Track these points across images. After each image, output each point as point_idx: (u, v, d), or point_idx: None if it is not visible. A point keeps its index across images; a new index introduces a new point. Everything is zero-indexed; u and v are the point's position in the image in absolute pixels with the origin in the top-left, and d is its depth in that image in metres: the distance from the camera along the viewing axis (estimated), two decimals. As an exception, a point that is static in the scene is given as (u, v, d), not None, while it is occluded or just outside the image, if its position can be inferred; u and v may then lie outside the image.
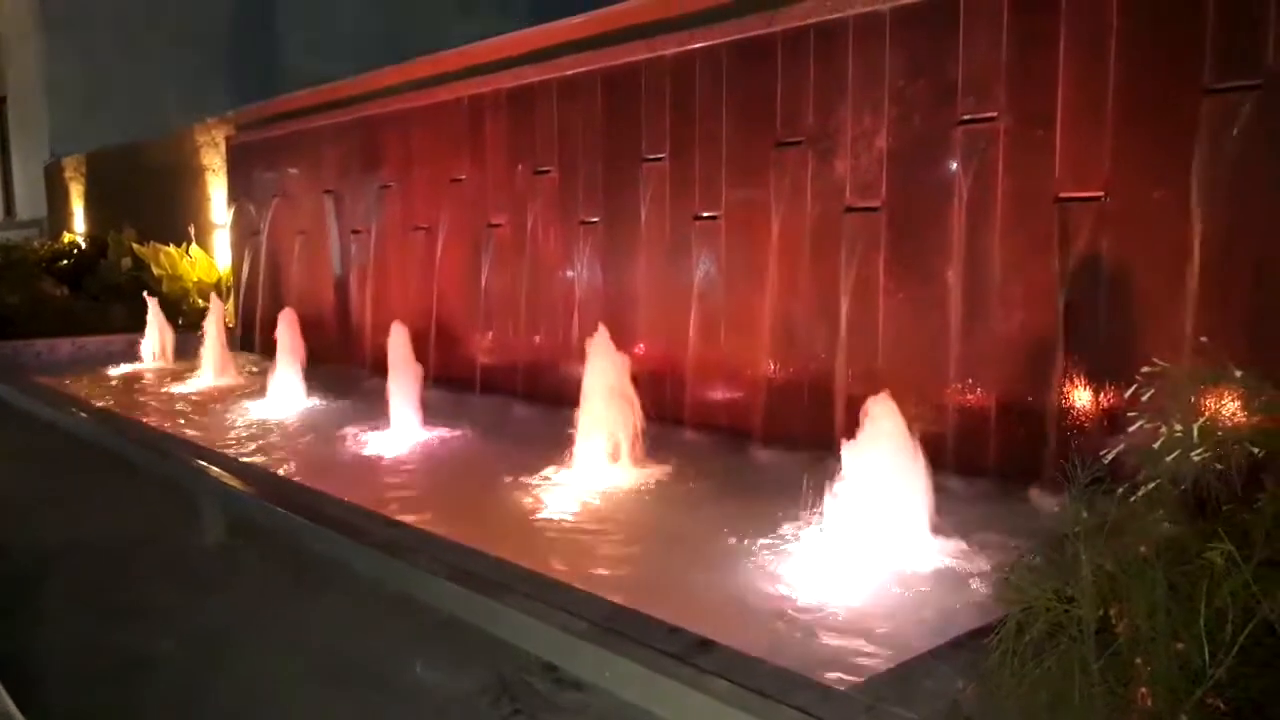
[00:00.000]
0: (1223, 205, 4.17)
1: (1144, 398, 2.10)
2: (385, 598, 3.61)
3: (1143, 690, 1.84)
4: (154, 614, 3.58)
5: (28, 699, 2.69)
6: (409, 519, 4.30)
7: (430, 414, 6.66)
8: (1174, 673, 1.83)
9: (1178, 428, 1.94)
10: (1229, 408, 2.08)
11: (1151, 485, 2.03)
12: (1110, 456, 2.24)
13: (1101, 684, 1.89)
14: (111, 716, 2.88)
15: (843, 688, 2.60)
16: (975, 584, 3.60)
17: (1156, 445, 2.00)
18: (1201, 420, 1.96)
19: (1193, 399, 2.04)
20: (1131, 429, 2.11)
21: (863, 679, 2.71)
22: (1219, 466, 1.95)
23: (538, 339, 7.68)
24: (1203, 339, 2.33)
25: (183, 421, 7.31)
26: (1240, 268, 4.17)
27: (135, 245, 12.71)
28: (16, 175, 20.64)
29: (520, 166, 7.76)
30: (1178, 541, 1.94)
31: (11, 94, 20.44)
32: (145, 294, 10.59)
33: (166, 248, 12.19)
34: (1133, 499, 2.12)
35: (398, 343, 6.70)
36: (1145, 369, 2.15)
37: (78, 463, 6.22)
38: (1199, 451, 1.93)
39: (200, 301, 11.53)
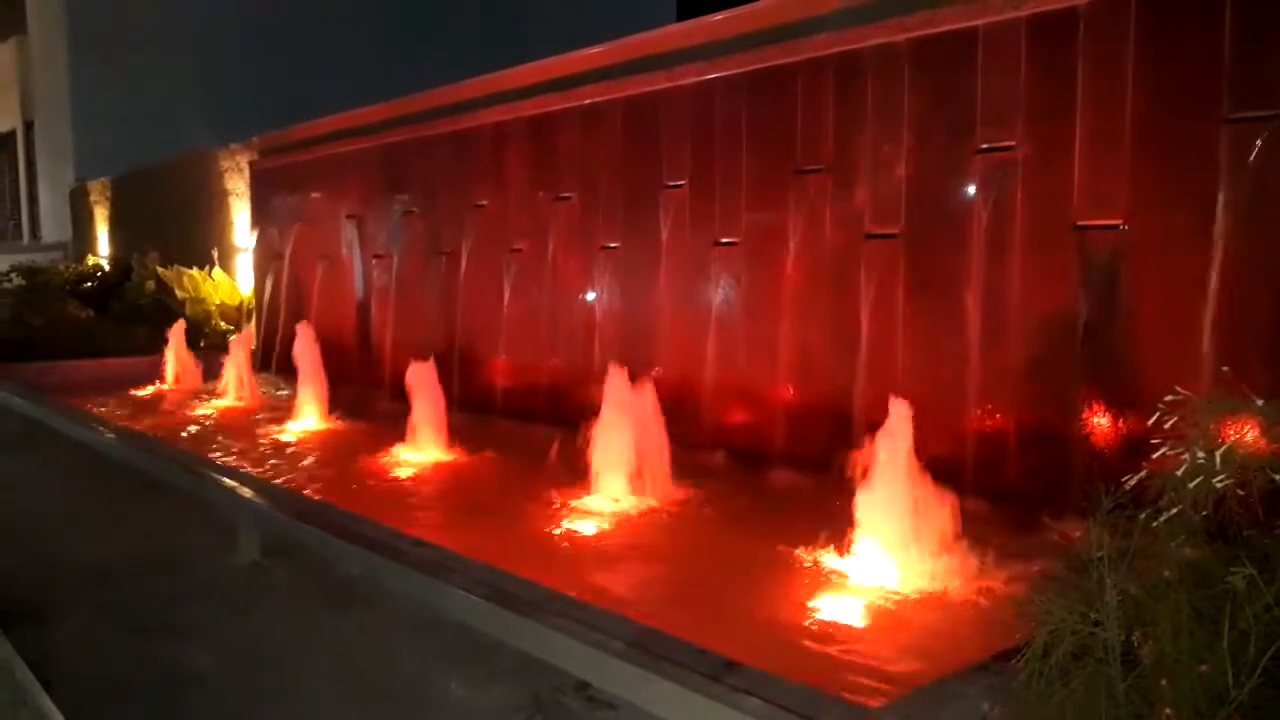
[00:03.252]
0: (1241, 233, 4.22)
1: (1167, 425, 2.16)
2: (416, 616, 3.67)
3: (1167, 711, 1.89)
4: (186, 633, 3.65)
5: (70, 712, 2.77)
6: (438, 540, 4.36)
7: (453, 437, 6.74)
8: (1198, 694, 1.88)
9: (1200, 454, 2.00)
10: (1250, 435, 2.13)
11: (1174, 511, 2.08)
12: (1133, 482, 2.29)
13: (1127, 705, 1.94)
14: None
15: (870, 707, 2.64)
16: (997, 606, 3.64)
17: (1180, 472, 2.05)
18: (1224, 447, 2.01)
19: (1214, 426, 2.10)
20: (1156, 455, 2.17)
21: (890, 699, 2.75)
22: (1241, 493, 2.00)
23: (559, 362, 7.76)
24: (1224, 368, 2.38)
25: (209, 442, 7.43)
26: (1259, 296, 4.21)
27: (159, 268, 12.88)
28: (43, 199, 20.93)
29: (541, 192, 7.87)
30: (1200, 566, 1.99)
31: (39, 119, 20.76)
32: (180, 320, 10.73)
33: (190, 271, 12.36)
34: (1155, 524, 2.17)
35: (420, 370, 6.78)
36: (1168, 397, 2.20)
37: (107, 482, 6.31)
38: (1221, 478, 1.99)
39: (223, 324, 11.68)
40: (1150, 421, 2.39)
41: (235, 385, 9.38)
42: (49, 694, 2.91)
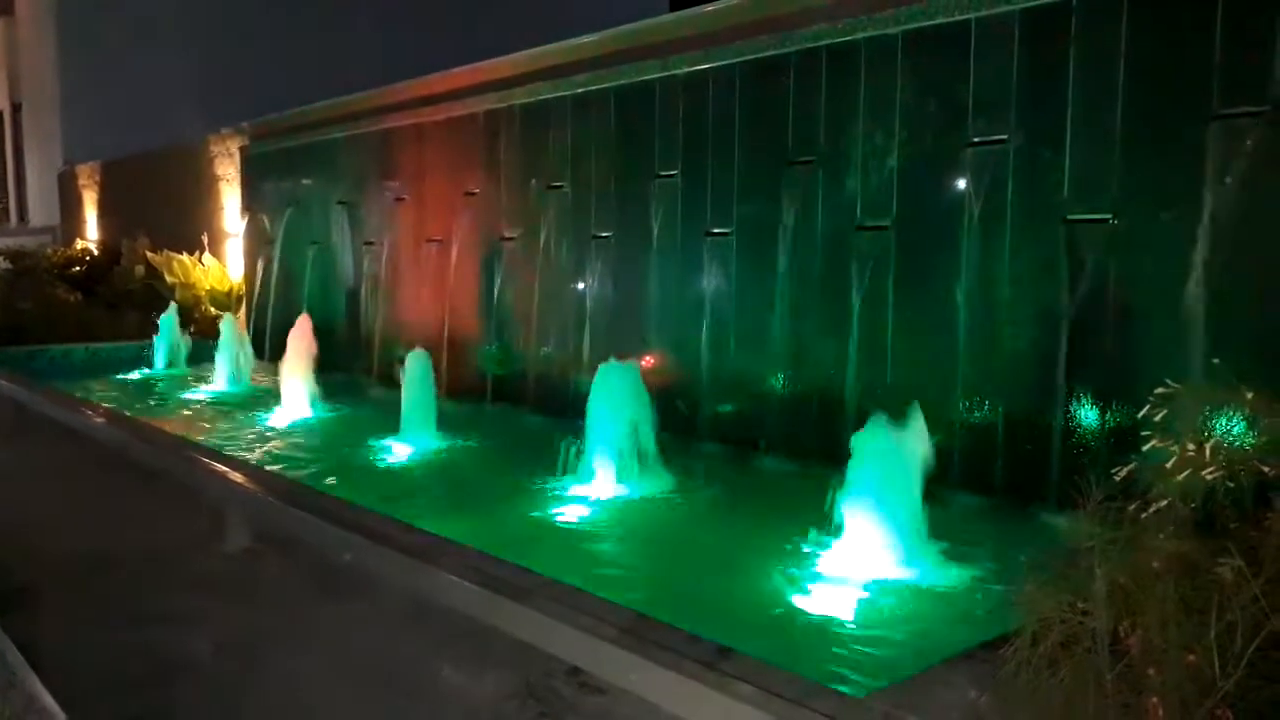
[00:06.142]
0: (1229, 228, 4.25)
1: (1157, 418, 2.18)
2: (408, 602, 3.68)
3: (1154, 700, 1.91)
4: (179, 621, 3.64)
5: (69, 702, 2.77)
6: (430, 526, 4.37)
7: (443, 425, 6.74)
8: (1185, 684, 1.90)
9: (1190, 447, 2.02)
10: (1238, 428, 2.16)
11: (1163, 503, 2.10)
12: (1122, 474, 2.32)
13: (1115, 694, 1.97)
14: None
15: (858, 695, 2.67)
16: (984, 596, 3.68)
17: (1169, 464, 2.07)
18: (1212, 440, 2.04)
19: (1203, 419, 2.12)
20: (1146, 448, 2.19)
21: (878, 687, 2.78)
22: (1230, 484, 2.03)
23: (549, 351, 7.76)
24: (1215, 360, 2.41)
25: (200, 428, 7.42)
26: (1246, 290, 4.25)
27: (148, 253, 12.82)
28: (30, 182, 20.77)
29: (533, 181, 7.86)
30: (1188, 557, 2.02)
31: (27, 101, 20.59)
32: (171, 305, 10.70)
33: (180, 256, 12.30)
34: (1143, 516, 2.20)
35: (413, 360, 6.78)
36: (1159, 390, 2.23)
37: (98, 468, 6.29)
38: (1209, 470, 2.01)
39: (212, 310, 11.64)
40: (1140, 414, 2.42)
41: (225, 371, 9.35)
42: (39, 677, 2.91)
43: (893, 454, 4.08)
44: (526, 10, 17.54)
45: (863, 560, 4.04)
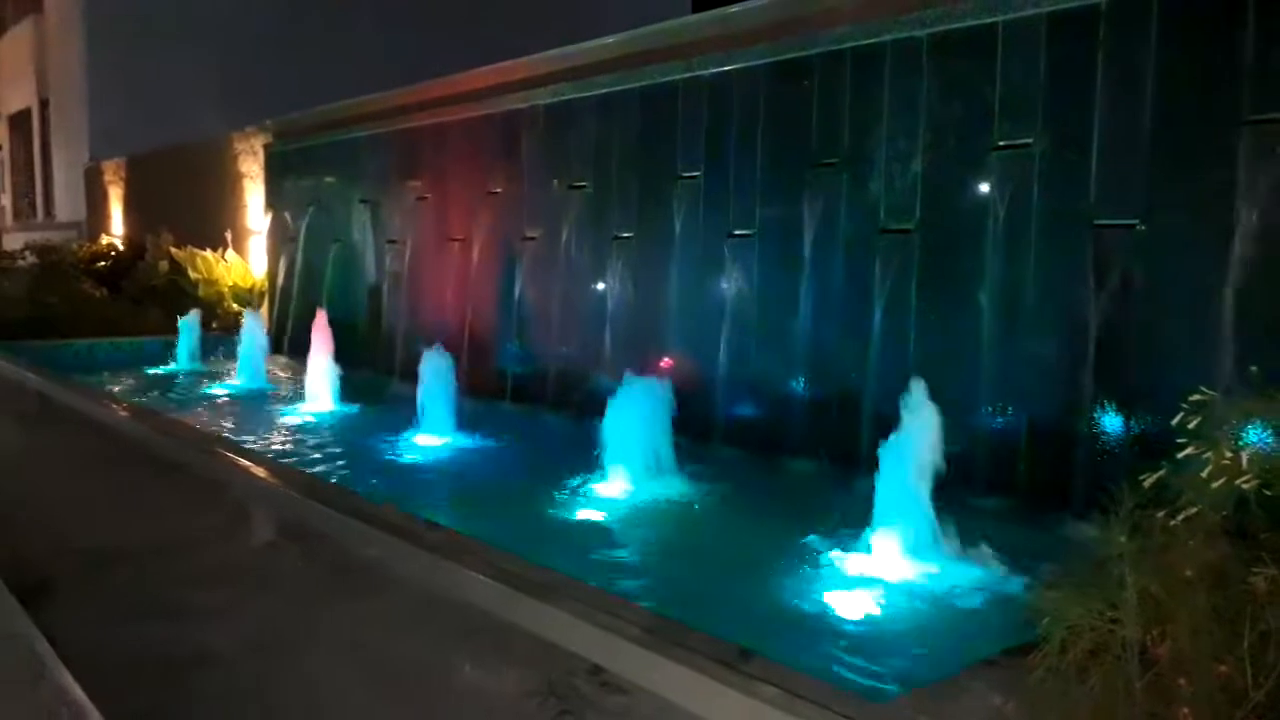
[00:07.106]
0: (1258, 234, 4.20)
1: (1191, 424, 2.16)
2: (428, 599, 3.69)
3: (1184, 711, 1.89)
4: (200, 615, 3.66)
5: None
6: (451, 524, 4.38)
7: (463, 423, 6.76)
8: (1216, 695, 1.88)
9: (1227, 454, 2.00)
10: (1270, 436, 2.13)
11: (1194, 511, 2.08)
12: (1150, 482, 2.29)
13: (1144, 704, 1.95)
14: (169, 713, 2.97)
15: (880, 701, 2.66)
16: (1007, 603, 3.65)
17: (1205, 472, 2.05)
18: (1249, 447, 2.02)
19: (1236, 427, 2.10)
20: (1181, 455, 2.17)
21: (900, 693, 2.77)
22: (1266, 493, 2.00)
23: (570, 351, 7.77)
24: (1253, 368, 2.38)
25: (223, 423, 7.47)
26: (1276, 297, 4.20)
27: (173, 249, 12.92)
28: (57, 177, 20.98)
29: (555, 181, 7.87)
30: (1220, 566, 1.99)
31: (54, 97, 20.80)
32: (195, 308, 10.78)
33: (203, 252, 12.39)
34: (1174, 524, 2.17)
35: (433, 357, 6.80)
36: (1194, 397, 2.20)
37: (122, 461, 6.34)
38: (1245, 479, 1.99)
39: (235, 306, 11.72)
40: (1169, 421, 2.39)
41: (248, 367, 9.40)
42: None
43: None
44: (551, 13, 17.57)
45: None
